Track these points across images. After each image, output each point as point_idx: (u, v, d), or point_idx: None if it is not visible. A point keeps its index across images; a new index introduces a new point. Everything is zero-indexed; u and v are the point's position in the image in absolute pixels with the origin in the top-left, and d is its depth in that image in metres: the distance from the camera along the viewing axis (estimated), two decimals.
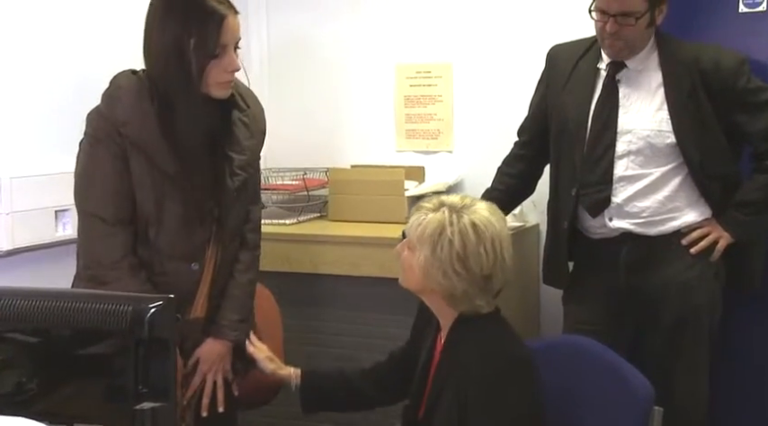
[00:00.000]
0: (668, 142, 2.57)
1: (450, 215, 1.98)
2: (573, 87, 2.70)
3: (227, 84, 2.20)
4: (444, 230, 1.96)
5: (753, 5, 2.92)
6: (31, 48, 2.66)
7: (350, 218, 3.35)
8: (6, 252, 2.60)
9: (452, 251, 1.95)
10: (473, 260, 1.95)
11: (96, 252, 2.21)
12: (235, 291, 2.35)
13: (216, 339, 2.33)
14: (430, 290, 2.02)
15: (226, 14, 2.13)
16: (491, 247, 1.97)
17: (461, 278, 1.96)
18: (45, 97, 2.70)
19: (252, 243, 2.40)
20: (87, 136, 2.20)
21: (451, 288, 1.97)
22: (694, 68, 2.58)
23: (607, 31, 2.55)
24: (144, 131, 2.16)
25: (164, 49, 2.14)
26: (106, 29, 2.85)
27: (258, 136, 2.36)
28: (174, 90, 2.15)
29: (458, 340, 2.01)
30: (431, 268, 1.97)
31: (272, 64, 3.75)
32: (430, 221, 1.99)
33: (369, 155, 3.59)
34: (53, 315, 1.52)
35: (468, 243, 1.95)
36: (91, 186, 2.20)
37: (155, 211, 2.19)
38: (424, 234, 1.98)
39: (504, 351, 1.98)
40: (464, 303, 2.00)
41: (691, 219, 2.63)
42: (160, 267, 2.23)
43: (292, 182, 3.46)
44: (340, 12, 3.64)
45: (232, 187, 2.26)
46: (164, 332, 1.49)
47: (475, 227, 1.97)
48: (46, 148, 2.71)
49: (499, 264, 1.99)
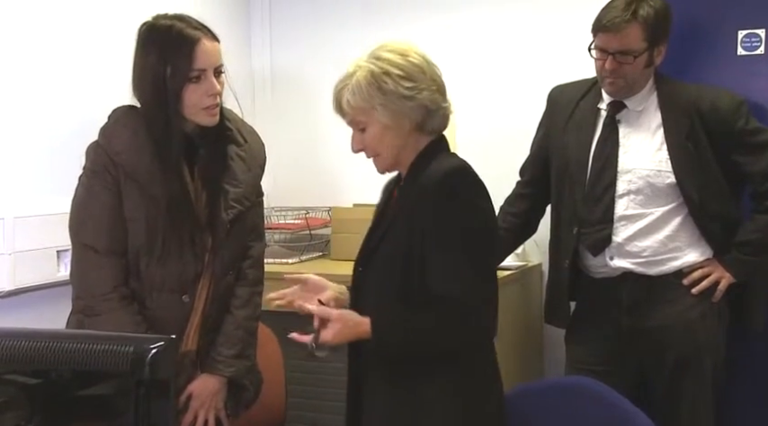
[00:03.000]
0: (668, 182, 2.58)
1: (367, 61, 2.00)
2: (574, 127, 2.72)
3: (211, 109, 2.22)
4: (373, 71, 1.97)
5: (751, 48, 2.95)
6: (33, 89, 2.69)
7: (352, 257, 3.30)
8: (8, 292, 2.60)
9: (393, 76, 1.95)
10: (412, 70, 1.97)
11: (88, 283, 2.22)
12: (230, 327, 2.34)
13: (210, 374, 2.32)
14: (408, 136, 2.00)
15: (199, 38, 2.18)
16: (414, 54, 2.00)
17: (418, 89, 1.96)
18: (47, 138, 2.72)
19: (252, 279, 2.40)
20: (85, 169, 2.25)
21: (422, 103, 1.97)
22: (693, 109, 2.60)
23: (606, 68, 2.57)
24: (137, 161, 2.19)
25: (144, 79, 2.19)
26: (106, 71, 2.88)
27: (255, 169, 2.37)
28: (155, 118, 2.19)
29: (416, 171, 2.01)
30: (391, 105, 1.96)
31: (275, 103, 3.78)
32: (357, 79, 1.98)
33: (371, 194, 3.58)
34: (53, 357, 1.52)
35: (397, 62, 1.97)
36: (86, 218, 2.23)
37: (147, 243, 2.20)
38: (362, 90, 1.98)
39: (464, 167, 1.98)
40: (437, 114, 2.00)
41: (692, 259, 2.63)
42: (151, 299, 2.23)
43: (295, 221, 3.47)
44: (343, 50, 3.62)
45: (226, 219, 2.27)
46: (165, 373, 1.48)
47: (392, 51, 1.99)
48: (48, 188, 2.72)
49: (426, 63, 2.00)
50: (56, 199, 2.70)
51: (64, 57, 2.79)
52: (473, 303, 1.90)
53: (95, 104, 2.72)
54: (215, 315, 2.32)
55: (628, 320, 2.64)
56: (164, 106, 2.18)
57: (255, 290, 2.41)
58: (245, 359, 2.36)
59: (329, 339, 1.96)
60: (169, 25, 2.20)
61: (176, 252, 2.21)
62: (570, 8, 3.25)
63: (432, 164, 1.99)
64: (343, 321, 1.96)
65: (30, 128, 2.67)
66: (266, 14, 3.78)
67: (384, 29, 3.57)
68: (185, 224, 2.21)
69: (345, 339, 1.98)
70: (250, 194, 2.35)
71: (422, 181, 1.96)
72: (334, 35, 3.68)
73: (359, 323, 1.95)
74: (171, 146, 2.20)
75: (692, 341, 2.60)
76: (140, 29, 2.24)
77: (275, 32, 3.78)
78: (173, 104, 2.18)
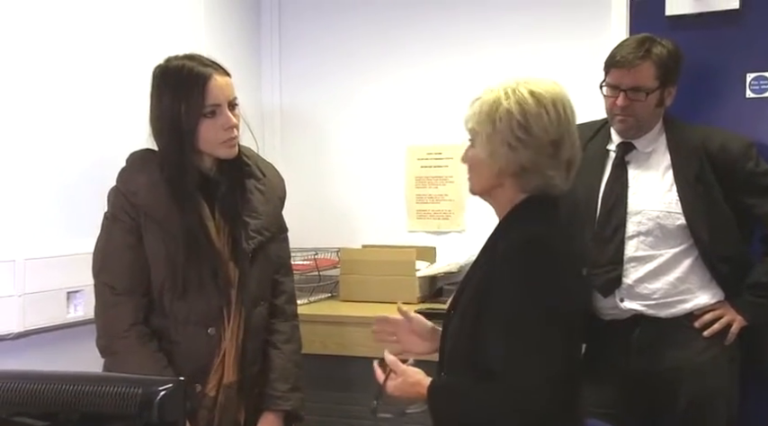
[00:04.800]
0: (678, 224, 2.58)
1: (506, 90, 1.88)
2: (582, 168, 2.68)
3: (229, 142, 2.27)
4: (500, 103, 1.86)
5: (759, 91, 2.96)
6: (45, 131, 2.70)
7: (361, 299, 3.35)
8: (17, 334, 2.59)
9: (512, 119, 1.84)
10: (535, 124, 1.84)
11: (106, 322, 2.27)
12: (280, 361, 2.42)
13: (271, 411, 2.39)
14: (498, 177, 1.90)
15: (210, 74, 2.23)
16: (553, 109, 1.86)
17: (526, 145, 1.84)
18: (58, 179, 2.74)
19: (290, 313, 2.50)
20: (106, 213, 2.31)
21: (519, 160, 1.86)
22: (702, 151, 2.60)
23: (618, 105, 2.58)
24: (154, 200, 2.24)
25: (160, 120, 2.25)
26: (119, 113, 2.90)
27: (275, 201, 2.43)
28: (171, 156, 2.24)
29: (505, 227, 1.91)
30: (494, 143, 1.86)
31: (284, 143, 3.80)
32: (484, 102, 1.89)
33: (380, 235, 3.60)
34: (62, 399, 1.51)
35: (528, 108, 1.85)
36: (105, 259, 2.28)
37: (170, 278, 2.24)
38: (482, 114, 1.89)
39: (538, 236, 1.84)
40: (536, 176, 1.88)
41: (703, 302, 2.61)
42: (177, 333, 2.28)
43: (303, 262, 3.46)
44: (352, 94, 3.70)
45: (248, 250, 2.31)
46: (173, 415, 1.48)
47: (533, 94, 1.86)
48: (58, 230, 2.73)
49: (564, 127, 1.87)
50: (66, 241, 2.72)
51: (77, 101, 2.80)
52: (523, 387, 1.76)
53: (108, 146, 2.76)
54: (254, 349, 2.37)
55: (638, 363, 2.62)
56: (180, 144, 2.22)
57: (295, 324, 2.51)
58: (299, 391, 2.44)
59: (390, 390, 1.95)
60: (180, 65, 2.25)
61: (197, 287, 2.26)
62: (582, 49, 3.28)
63: (516, 226, 1.89)
64: (406, 375, 1.94)
65: (41, 170, 2.69)
66: (276, 54, 3.81)
67: (396, 69, 3.61)
68: (205, 259, 2.26)
69: (404, 394, 1.95)
70: (270, 225, 2.40)
71: (502, 244, 1.88)
72: (344, 74, 3.71)
73: (418, 383, 1.92)
74: (186, 182, 2.24)
75: (704, 385, 2.57)
76: (154, 72, 2.29)
77: (285, 71, 3.81)
78: (188, 141, 2.22)
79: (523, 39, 3.40)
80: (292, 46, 3.81)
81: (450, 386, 1.91)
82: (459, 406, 1.86)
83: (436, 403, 1.89)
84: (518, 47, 3.40)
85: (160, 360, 2.25)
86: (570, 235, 2.07)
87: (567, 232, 2.04)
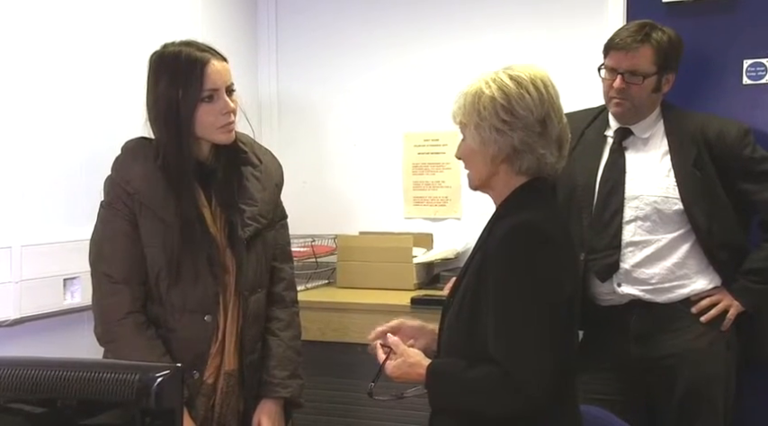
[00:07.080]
0: (675, 209, 2.58)
1: (486, 80, 1.90)
2: (580, 154, 2.72)
3: (227, 127, 2.27)
4: (482, 92, 1.88)
5: (756, 77, 2.96)
6: (42, 118, 2.69)
7: (358, 285, 3.35)
8: (14, 320, 2.60)
9: (495, 105, 1.86)
10: (518, 105, 1.85)
11: (103, 310, 2.27)
12: (279, 349, 2.41)
13: (269, 398, 2.39)
14: (493, 164, 1.90)
15: (207, 59, 2.23)
16: (534, 89, 1.87)
17: (513, 127, 1.85)
18: (54, 167, 2.73)
19: (290, 300, 2.49)
20: (102, 202, 2.30)
21: (510, 142, 1.86)
22: (700, 137, 2.60)
23: (614, 88, 2.58)
24: (149, 188, 2.24)
25: (157, 106, 2.24)
26: (115, 101, 2.89)
27: (271, 188, 2.42)
28: (168, 143, 2.23)
29: (503, 213, 1.92)
30: (482, 131, 1.88)
31: (281, 130, 3.79)
32: (467, 94, 1.91)
33: (377, 221, 3.60)
34: (59, 385, 1.51)
35: (509, 91, 1.87)
36: (101, 248, 2.28)
37: (166, 266, 2.24)
38: (466, 106, 1.90)
39: (532, 223, 1.85)
40: (528, 156, 1.88)
41: (700, 287, 2.62)
42: (173, 322, 2.27)
43: (301, 249, 3.46)
44: (349, 81, 3.70)
45: (243, 237, 2.30)
46: (170, 402, 1.48)
47: (512, 78, 1.88)
48: (55, 217, 2.72)
49: (548, 104, 1.88)
50: (63, 228, 2.71)
51: (74, 90, 2.80)
52: (522, 376, 1.77)
53: (105, 135, 2.75)
54: (252, 336, 2.36)
55: (636, 349, 2.62)
56: (177, 131, 2.22)
57: (294, 311, 2.50)
58: (298, 379, 2.44)
59: (389, 371, 1.95)
60: (177, 51, 2.24)
61: (193, 274, 2.25)
62: (579, 37, 3.27)
63: (511, 212, 1.89)
64: (406, 356, 1.95)
65: (37, 158, 2.68)
66: (273, 41, 3.80)
67: (393, 56, 3.61)
68: (200, 246, 2.25)
69: (403, 375, 1.96)
70: (267, 212, 2.39)
71: (497, 231, 1.88)
72: (341, 61, 3.70)
73: (418, 363, 1.93)
74: (183, 169, 2.24)
75: (701, 371, 2.58)
76: (150, 58, 2.28)
77: (282, 59, 3.81)
78: (186, 127, 2.22)
79: (520, 26, 3.39)
80: (289, 33, 3.80)
81: (448, 368, 1.91)
82: (457, 387, 1.87)
83: (434, 384, 1.90)
84: (515, 33, 3.39)
85: (158, 348, 2.24)
86: (566, 221, 2.08)
87: (562, 217, 2.05)
